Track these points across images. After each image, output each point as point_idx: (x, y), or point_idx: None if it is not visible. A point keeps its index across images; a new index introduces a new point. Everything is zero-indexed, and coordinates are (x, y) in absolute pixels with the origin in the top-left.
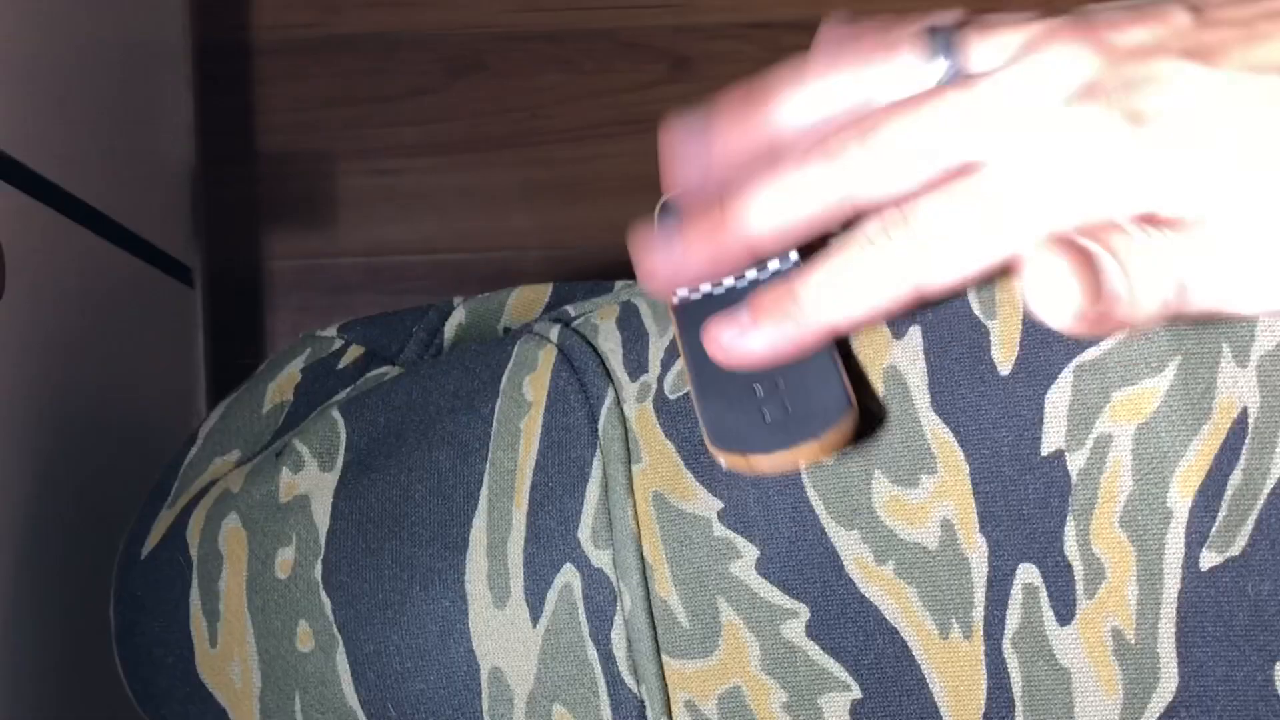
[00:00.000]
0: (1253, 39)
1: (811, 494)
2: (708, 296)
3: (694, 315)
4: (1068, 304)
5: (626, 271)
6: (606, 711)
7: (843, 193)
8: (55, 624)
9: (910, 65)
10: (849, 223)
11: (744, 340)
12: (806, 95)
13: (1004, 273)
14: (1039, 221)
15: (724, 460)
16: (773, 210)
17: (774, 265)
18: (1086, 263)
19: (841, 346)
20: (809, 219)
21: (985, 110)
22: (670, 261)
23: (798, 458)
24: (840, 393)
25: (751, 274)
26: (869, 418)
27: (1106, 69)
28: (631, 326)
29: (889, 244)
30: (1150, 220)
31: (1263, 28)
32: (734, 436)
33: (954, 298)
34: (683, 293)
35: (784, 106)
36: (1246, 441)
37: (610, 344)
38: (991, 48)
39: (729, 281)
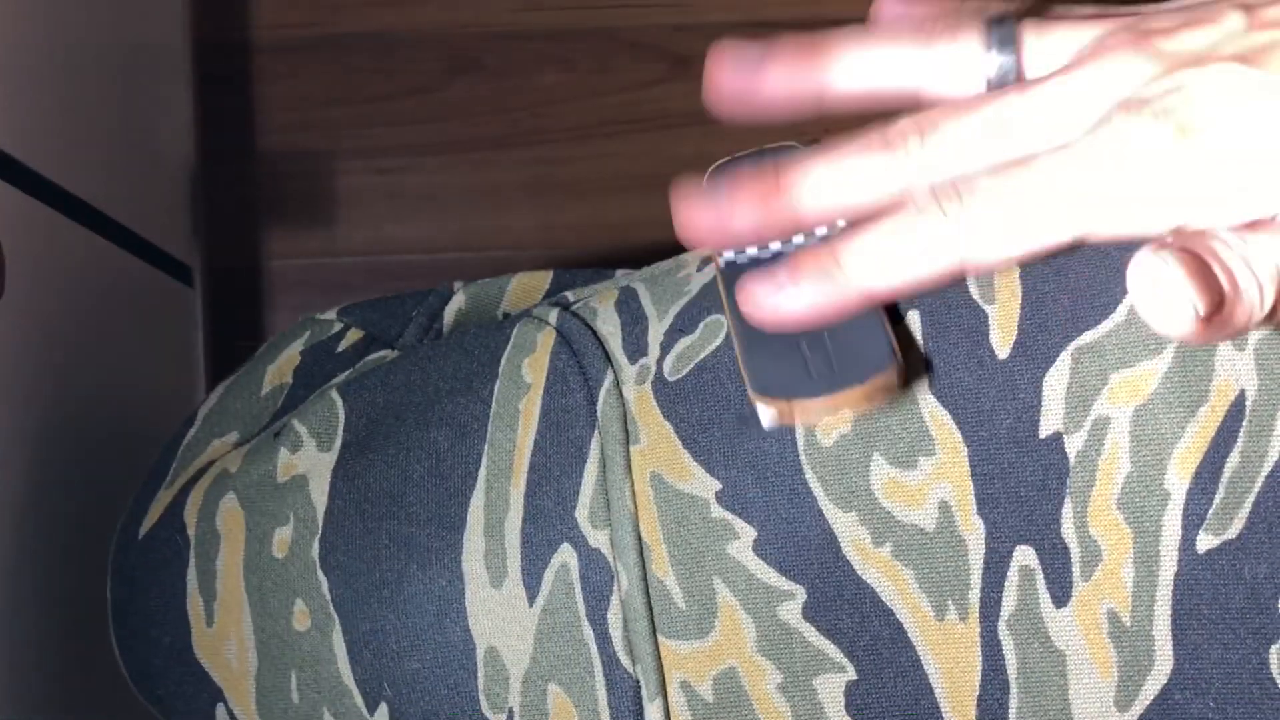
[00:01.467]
0: None
1: (810, 475)
2: (754, 260)
3: (738, 278)
4: (1186, 311)
5: (628, 267)
6: (601, 691)
7: (897, 185)
8: (53, 610)
9: (969, 54)
10: None
11: (782, 299)
12: (864, 60)
13: None
14: (1088, 220)
15: (766, 408)
16: (826, 190)
17: (821, 232)
18: (1202, 268)
19: (890, 310)
20: (860, 203)
21: (1041, 117)
22: (712, 217)
23: (841, 403)
24: (885, 347)
25: (799, 239)
26: (913, 366)
27: (1157, 77)
28: (630, 309)
29: (941, 217)
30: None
31: None
32: (777, 384)
33: None
34: (729, 255)
35: (840, 66)
36: (1244, 424)
37: (609, 327)
38: (1048, 48)
39: (776, 245)
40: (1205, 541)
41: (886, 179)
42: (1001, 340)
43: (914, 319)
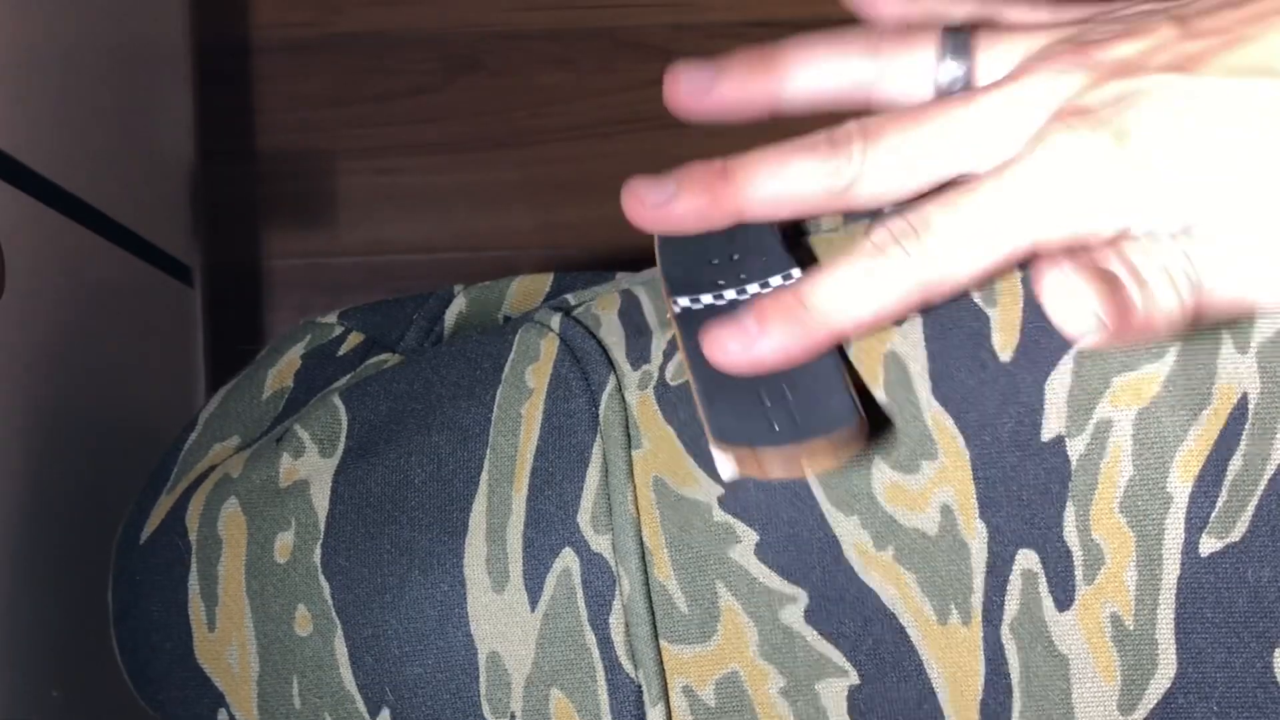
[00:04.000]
0: (1233, 44)
1: (811, 480)
2: (709, 307)
3: (695, 325)
4: (1088, 317)
5: (627, 269)
6: (604, 696)
7: (840, 185)
8: (53, 613)
9: (922, 61)
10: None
11: (752, 345)
12: (816, 68)
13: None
14: (1038, 233)
15: (730, 458)
16: (772, 185)
17: (776, 281)
18: (1102, 275)
19: (843, 355)
20: (802, 202)
21: (982, 127)
22: (658, 197)
23: (806, 454)
24: (847, 402)
25: (753, 288)
26: (874, 421)
27: (1094, 87)
28: (633, 320)
29: (900, 253)
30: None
31: (1243, 32)
32: (739, 432)
33: None
34: (684, 302)
35: (792, 74)
36: (1246, 427)
37: (613, 337)
38: (997, 56)
39: (730, 294)
40: (1208, 545)
41: (831, 180)
42: (1003, 343)
43: (915, 321)
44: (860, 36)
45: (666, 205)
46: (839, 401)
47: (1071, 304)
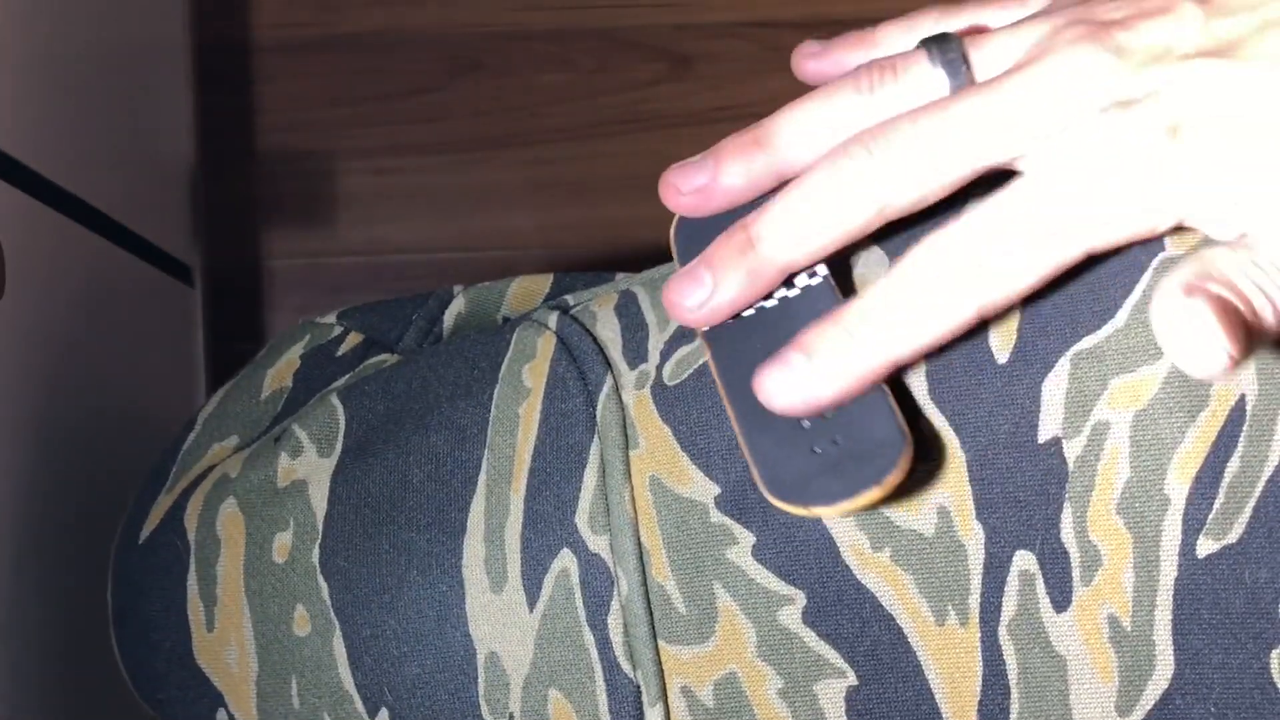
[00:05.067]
0: (1267, 27)
1: None
2: (740, 320)
3: (728, 342)
4: (1220, 358)
5: (627, 269)
6: (602, 697)
7: (868, 201)
8: (53, 613)
9: (918, 82)
10: None
11: (807, 388)
12: (812, 129)
13: None
14: (1092, 233)
15: (784, 508)
16: (795, 228)
17: (803, 281)
18: (1230, 311)
19: (892, 382)
20: (835, 231)
21: (1015, 112)
22: (702, 301)
23: (860, 505)
24: (890, 422)
25: (781, 292)
26: (922, 441)
27: (1128, 75)
28: (630, 315)
29: (949, 268)
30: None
31: (1273, 12)
32: (791, 485)
33: None
34: (707, 326)
35: (789, 143)
36: (1244, 429)
37: (609, 333)
38: (993, 54)
39: (761, 302)
40: (1205, 546)
41: (850, 199)
42: (1000, 345)
43: None
44: (847, 80)
45: (710, 301)
46: (882, 419)
47: (1200, 343)
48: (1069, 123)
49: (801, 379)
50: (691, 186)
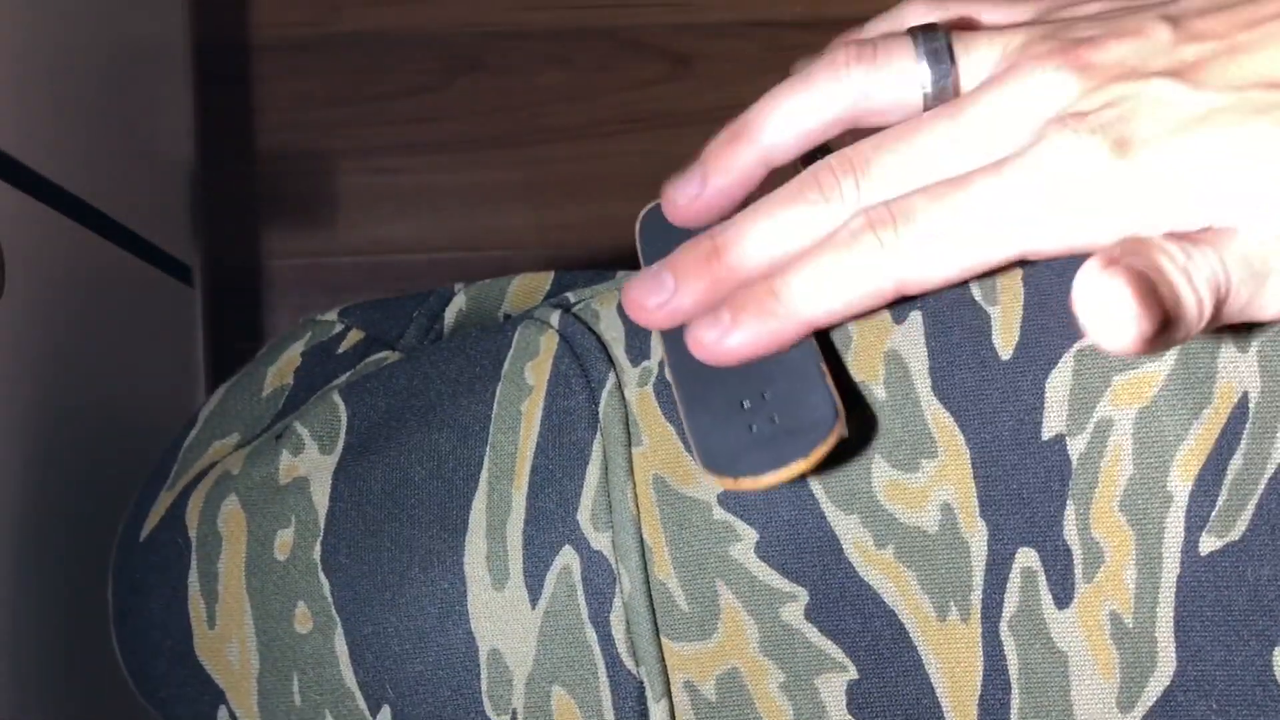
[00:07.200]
0: (1233, 52)
1: (811, 478)
2: None
3: (677, 332)
4: (1130, 330)
5: (627, 268)
6: (605, 693)
7: (834, 225)
8: (54, 611)
9: (901, 74)
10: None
11: (726, 339)
12: (794, 117)
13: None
14: (1026, 240)
15: (714, 481)
16: (767, 244)
17: None
18: (1147, 287)
19: (824, 346)
20: (800, 248)
21: (973, 136)
22: (658, 298)
23: (787, 476)
24: (827, 400)
25: None
26: (861, 413)
27: (1089, 92)
28: None
29: (874, 245)
30: (1181, 236)
31: (1242, 39)
32: (723, 457)
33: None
34: None
35: (772, 132)
36: (1247, 426)
37: (613, 332)
38: (975, 60)
39: None
40: (1208, 544)
41: (825, 224)
42: (1004, 341)
43: (916, 319)
44: (825, 67)
45: (669, 303)
46: (819, 398)
47: (1112, 313)
48: (1024, 139)
49: (725, 331)
50: (687, 198)
